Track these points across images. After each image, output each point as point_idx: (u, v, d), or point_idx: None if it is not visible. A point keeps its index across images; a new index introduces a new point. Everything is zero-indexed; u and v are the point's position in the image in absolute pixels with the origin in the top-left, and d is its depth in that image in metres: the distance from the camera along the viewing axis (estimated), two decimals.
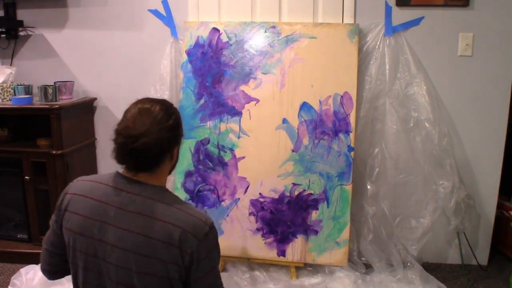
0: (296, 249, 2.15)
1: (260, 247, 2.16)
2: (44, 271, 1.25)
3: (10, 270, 2.25)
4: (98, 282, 1.11)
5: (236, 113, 2.21)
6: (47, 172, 2.31)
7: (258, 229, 2.17)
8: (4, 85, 2.40)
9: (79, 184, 1.18)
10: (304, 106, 2.17)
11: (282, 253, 2.16)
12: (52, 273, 1.25)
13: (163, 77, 2.37)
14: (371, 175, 2.26)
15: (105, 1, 2.45)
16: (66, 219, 1.14)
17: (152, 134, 1.08)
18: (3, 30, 2.49)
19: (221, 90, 2.23)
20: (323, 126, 2.16)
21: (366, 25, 2.24)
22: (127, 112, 1.15)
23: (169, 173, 1.24)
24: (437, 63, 2.24)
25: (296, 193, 2.16)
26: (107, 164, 2.59)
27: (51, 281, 1.88)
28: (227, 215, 2.19)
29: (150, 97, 1.22)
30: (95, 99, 2.56)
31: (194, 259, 1.06)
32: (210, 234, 1.09)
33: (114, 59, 2.51)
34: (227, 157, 2.20)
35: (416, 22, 2.22)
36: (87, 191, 1.14)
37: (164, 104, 1.16)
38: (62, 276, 1.26)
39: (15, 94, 2.39)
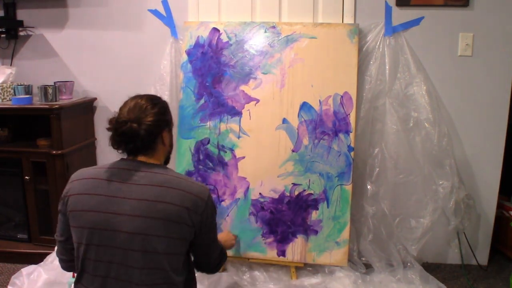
0: (296, 249, 2.15)
1: (260, 247, 2.17)
2: (60, 260, 1.40)
3: (10, 270, 2.25)
4: (109, 255, 1.20)
5: (236, 113, 2.21)
6: (47, 172, 2.31)
7: (258, 229, 2.17)
8: (4, 85, 2.40)
9: (82, 172, 1.33)
10: (304, 106, 2.17)
11: (282, 253, 2.16)
12: (67, 262, 1.38)
13: (163, 77, 2.37)
14: (371, 175, 2.26)
15: (105, 1, 2.45)
16: (71, 202, 1.26)
17: (139, 119, 1.26)
18: (3, 30, 2.49)
19: (221, 90, 2.23)
20: (323, 126, 2.16)
21: (366, 25, 2.24)
22: (120, 108, 1.34)
23: (166, 161, 1.43)
24: (437, 63, 2.24)
25: (296, 193, 2.16)
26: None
27: (53, 282, 1.88)
28: (227, 215, 2.19)
29: (142, 94, 1.39)
30: (95, 99, 2.56)
31: (204, 218, 1.27)
32: (211, 197, 1.31)
33: (114, 59, 2.51)
34: (227, 157, 2.20)
35: (416, 22, 2.22)
36: (92, 174, 1.29)
37: (149, 97, 1.36)
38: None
39: (15, 94, 2.39)
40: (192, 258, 1.42)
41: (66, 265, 1.39)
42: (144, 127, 1.26)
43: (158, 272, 1.21)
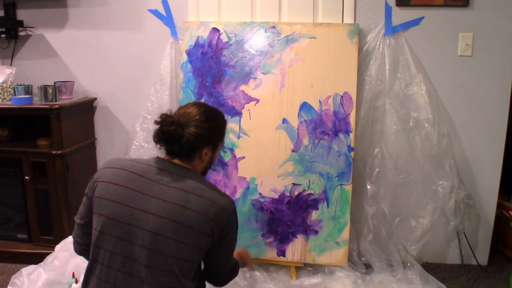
0: (296, 249, 2.15)
1: (260, 247, 2.16)
2: (75, 242, 1.39)
3: (10, 270, 2.25)
4: (127, 249, 1.21)
5: (236, 113, 2.21)
6: (47, 172, 2.31)
7: (258, 229, 2.17)
8: (4, 85, 2.40)
9: (119, 161, 1.33)
10: (304, 106, 2.17)
11: (282, 253, 2.16)
12: (82, 245, 1.37)
13: (163, 77, 2.37)
14: (371, 175, 2.26)
15: (105, 1, 2.45)
16: (100, 188, 1.26)
17: (185, 125, 1.27)
18: (3, 30, 2.49)
19: (221, 90, 2.23)
20: (323, 126, 2.16)
21: (366, 25, 2.24)
22: (180, 107, 1.37)
23: (202, 173, 1.40)
24: (437, 63, 2.24)
25: (296, 193, 2.16)
26: None
27: (53, 281, 1.88)
28: None
29: (208, 104, 1.46)
30: (95, 99, 2.56)
31: (225, 232, 1.25)
32: (235, 212, 1.30)
33: (114, 59, 2.51)
34: (227, 157, 2.21)
35: (416, 22, 2.22)
36: (129, 166, 1.29)
37: (208, 110, 1.36)
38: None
39: (15, 94, 2.39)
40: (202, 266, 1.39)
41: (80, 248, 1.38)
42: (186, 135, 1.26)
43: (169, 275, 1.20)
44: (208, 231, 1.22)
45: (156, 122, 1.28)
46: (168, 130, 1.25)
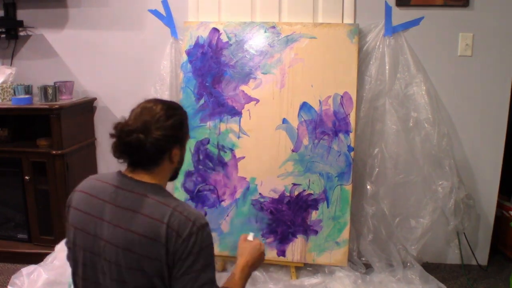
0: (296, 249, 2.15)
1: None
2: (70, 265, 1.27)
3: (10, 270, 2.25)
4: (95, 278, 1.11)
5: (236, 113, 2.21)
6: (47, 172, 2.31)
7: (258, 229, 2.17)
8: (4, 85, 2.40)
9: (86, 182, 1.21)
10: (304, 106, 2.17)
11: (282, 253, 2.16)
12: None
13: (163, 77, 2.37)
14: (371, 175, 2.26)
15: (105, 1, 2.45)
16: (70, 215, 1.16)
17: (148, 131, 1.10)
18: (3, 30, 2.49)
19: (221, 90, 2.23)
20: (323, 126, 2.16)
21: (366, 25, 2.24)
22: (132, 110, 1.18)
23: (172, 177, 1.25)
24: (437, 63, 2.24)
25: (296, 193, 2.16)
26: (107, 164, 2.59)
27: (53, 281, 1.88)
28: (227, 215, 2.19)
29: (160, 98, 1.23)
30: (95, 99, 2.56)
31: (176, 257, 1.04)
32: (197, 234, 1.05)
33: (114, 59, 2.51)
34: (227, 157, 2.20)
35: (416, 22, 2.22)
36: (90, 188, 1.17)
37: (168, 104, 1.18)
38: None
39: (15, 94, 2.39)
40: None
41: None
42: (151, 140, 1.09)
43: None
44: (161, 256, 1.04)
45: (111, 135, 1.13)
46: (129, 141, 1.09)
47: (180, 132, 1.19)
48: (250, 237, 1.35)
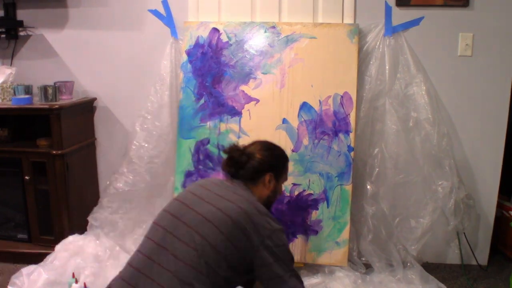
0: (296, 249, 2.15)
1: None
2: None
3: (10, 270, 2.24)
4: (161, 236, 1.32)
5: (236, 113, 2.21)
6: (47, 172, 2.31)
7: None
8: (4, 85, 2.40)
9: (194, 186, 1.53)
10: (304, 106, 2.17)
11: None
12: None
13: (163, 77, 2.37)
14: (371, 175, 2.26)
15: (105, 1, 2.45)
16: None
17: (251, 155, 1.48)
18: (3, 30, 2.49)
19: (221, 90, 2.23)
20: (323, 126, 2.16)
21: (366, 25, 2.24)
22: (248, 144, 1.58)
23: (265, 203, 1.47)
24: (437, 63, 2.24)
25: (296, 193, 2.16)
26: (107, 164, 2.59)
27: (53, 281, 1.87)
28: None
29: (268, 141, 1.62)
30: (95, 99, 2.56)
31: (263, 242, 1.28)
32: (280, 235, 1.32)
33: (114, 59, 2.51)
34: None
35: (416, 22, 2.22)
36: (197, 191, 1.45)
37: (268, 144, 1.58)
38: None
39: (15, 94, 2.39)
40: None
41: None
42: (251, 161, 1.46)
43: (193, 259, 1.25)
44: (246, 230, 1.27)
45: (224, 151, 1.54)
46: (235, 157, 1.47)
47: (276, 163, 1.54)
48: None
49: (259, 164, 1.47)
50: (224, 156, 1.53)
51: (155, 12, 2.40)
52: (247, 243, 1.27)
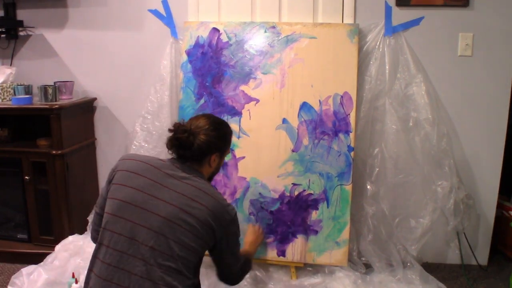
0: (296, 249, 2.15)
1: (260, 247, 2.16)
2: (93, 230, 1.51)
3: (10, 270, 2.25)
4: (131, 231, 1.29)
5: (236, 113, 2.21)
6: (47, 172, 2.31)
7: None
8: (4, 85, 2.40)
9: (132, 154, 1.55)
10: (304, 106, 2.17)
11: (282, 253, 2.16)
12: (97, 231, 1.42)
13: (163, 77, 2.37)
14: (371, 175, 2.26)
15: (105, 1, 2.45)
16: (116, 177, 1.39)
17: (197, 134, 1.43)
18: (3, 30, 2.49)
19: (221, 90, 2.23)
20: (323, 126, 2.16)
21: (366, 25, 2.24)
22: (190, 118, 1.53)
23: (208, 179, 1.52)
24: (437, 63, 2.24)
25: (296, 193, 2.16)
26: (107, 164, 2.59)
27: (53, 281, 1.88)
28: None
29: (215, 115, 1.59)
30: (95, 99, 2.57)
31: (227, 232, 1.39)
32: (236, 217, 1.43)
33: (114, 59, 2.51)
34: (227, 157, 2.20)
35: (416, 22, 2.22)
36: (143, 159, 1.44)
37: (215, 120, 1.52)
38: None
39: (15, 94, 2.39)
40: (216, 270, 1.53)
41: (97, 235, 1.42)
42: (198, 142, 1.42)
43: (172, 261, 1.27)
44: (213, 226, 1.33)
45: (169, 130, 1.44)
46: (181, 137, 1.41)
47: (221, 143, 1.52)
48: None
49: (206, 146, 1.44)
50: (169, 134, 1.45)
51: (155, 12, 2.40)
52: (212, 236, 1.36)
